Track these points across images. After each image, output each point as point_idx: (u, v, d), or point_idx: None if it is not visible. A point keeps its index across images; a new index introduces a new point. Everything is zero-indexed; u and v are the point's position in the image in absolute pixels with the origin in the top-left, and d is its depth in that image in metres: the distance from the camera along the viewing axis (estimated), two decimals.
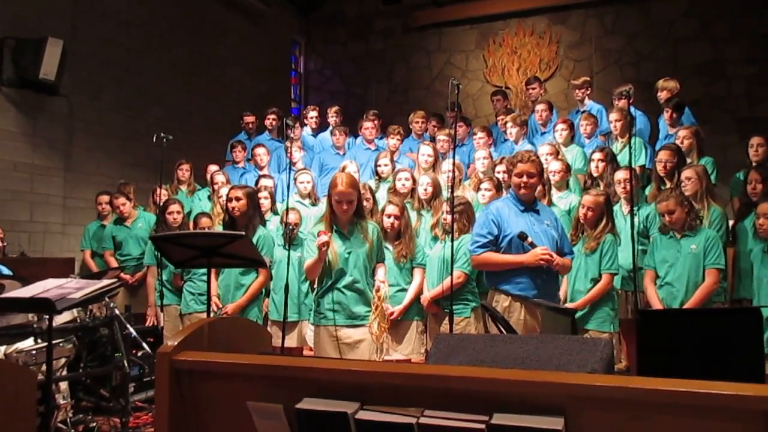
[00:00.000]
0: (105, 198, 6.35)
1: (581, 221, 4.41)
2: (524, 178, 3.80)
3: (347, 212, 3.72)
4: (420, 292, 4.64)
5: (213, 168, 6.90)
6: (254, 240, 4.30)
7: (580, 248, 4.41)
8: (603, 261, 4.25)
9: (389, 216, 4.60)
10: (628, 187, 4.58)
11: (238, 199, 4.37)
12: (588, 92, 7.01)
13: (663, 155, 5.03)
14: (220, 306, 4.34)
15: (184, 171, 6.91)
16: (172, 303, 5.36)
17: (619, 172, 4.84)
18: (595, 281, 4.26)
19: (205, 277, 5.07)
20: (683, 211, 4.18)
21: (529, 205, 3.85)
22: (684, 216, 4.19)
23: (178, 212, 5.59)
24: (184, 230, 5.36)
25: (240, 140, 7.51)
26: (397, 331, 4.61)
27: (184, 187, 6.90)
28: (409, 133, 7.30)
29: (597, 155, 5.30)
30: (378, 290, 3.79)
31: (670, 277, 4.22)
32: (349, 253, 3.74)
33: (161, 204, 5.78)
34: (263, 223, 4.72)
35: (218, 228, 5.45)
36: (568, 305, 4.22)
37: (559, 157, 5.50)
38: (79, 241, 6.71)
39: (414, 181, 5.46)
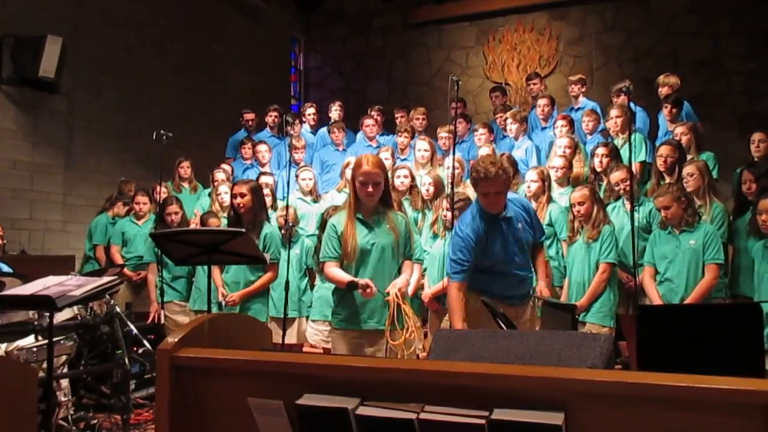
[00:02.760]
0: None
1: (576, 217, 4.45)
2: (491, 198, 3.46)
3: (373, 196, 3.27)
4: (418, 287, 4.64)
5: (224, 166, 6.89)
6: (261, 237, 4.24)
7: (580, 241, 4.44)
8: (601, 250, 4.28)
9: None
10: (627, 187, 4.58)
11: (242, 195, 4.28)
12: (583, 89, 7.01)
13: (664, 150, 5.03)
14: (226, 294, 4.25)
15: (185, 168, 6.89)
16: (173, 300, 5.37)
17: (617, 172, 4.83)
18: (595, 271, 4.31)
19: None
20: (680, 207, 4.18)
21: (498, 215, 3.53)
22: (681, 212, 4.19)
23: (176, 213, 5.53)
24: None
25: (249, 138, 7.47)
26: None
27: (186, 185, 6.89)
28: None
29: (601, 150, 5.31)
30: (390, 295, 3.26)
31: (669, 273, 4.24)
32: (372, 244, 3.30)
33: (160, 203, 5.77)
34: (268, 219, 4.59)
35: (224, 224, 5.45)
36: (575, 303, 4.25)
37: (562, 153, 5.50)
38: (81, 239, 6.71)
39: (412, 178, 5.46)
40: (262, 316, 4.26)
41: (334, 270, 3.33)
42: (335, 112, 7.76)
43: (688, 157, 5.14)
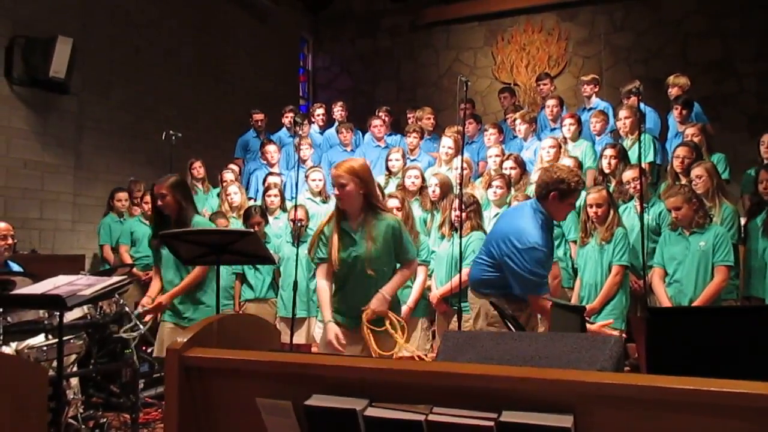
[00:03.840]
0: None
1: (593, 219, 4.41)
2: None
3: (340, 199, 3.22)
4: (423, 289, 4.64)
5: (232, 166, 6.89)
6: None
7: (593, 243, 4.42)
8: (614, 253, 4.26)
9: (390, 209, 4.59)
10: (638, 186, 4.56)
11: (163, 195, 3.89)
12: (596, 90, 6.98)
13: (681, 151, 5.01)
14: (152, 300, 3.94)
15: (198, 169, 6.88)
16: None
17: (628, 171, 4.82)
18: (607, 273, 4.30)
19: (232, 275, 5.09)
20: (690, 208, 4.16)
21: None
22: (691, 213, 4.16)
23: None
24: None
25: (270, 139, 7.43)
26: None
27: (199, 185, 6.89)
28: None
29: (609, 152, 5.29)
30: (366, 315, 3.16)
31: (678, 275, 4.21)
32: (354, 257, 3.20)
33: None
34: (197, 211, 4.16)
35: (234, 225, 5.45)
36: (587, 306, 4.24)
37: (569, 154, 5.48)
38: (90, 238, 6.74)
39: (423, 179, 5.45)
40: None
41: (319, 284, 3.30)
42: (338, 112, 7.77)
43: None
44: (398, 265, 3.34)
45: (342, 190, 3.20)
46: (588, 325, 3.30)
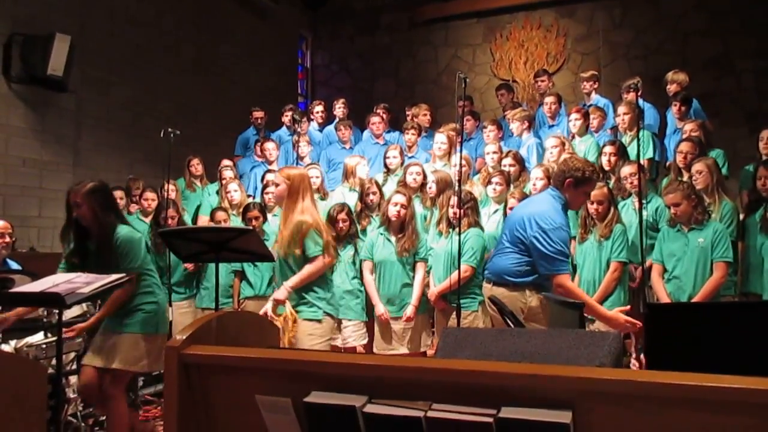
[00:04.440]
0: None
1: (593, 215, 4.42)
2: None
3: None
4: (424, 286, 4.65)
5: (226, 162, 6.89)
6: (115, 246, 3.40)
7: (592, 240, 4.42)
8: (612, 249, 4.27)
9: (396, 204, 4.59)
10: (636, 182, 4.56)
11: (78, 205, 3.47)
12: (595, 86, 6.98)
13: (684, 147, 5.01)
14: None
15: (196, 166, 6.88)
16: (177, 301, 5.36)
17: (627, 167, 4.82)
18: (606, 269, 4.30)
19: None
20: (689, 205, 4.16)
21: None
22: (690, 209, 4.17)
23: (173, 217, 5.40)
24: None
25: (267, 137, 7.42)
26: (401, 326, 4.62)
27: (198, 183, 6.88)
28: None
29: (608, 149, 5.28)
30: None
31: (677, 271, 4.22)
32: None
33: (155, 208, 5.71)
34: (122, 220, 3.63)
35: (234, 222, 5.44)
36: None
37: (575, 149, 5.48)
38: None
39: (425, 176, 5.46)
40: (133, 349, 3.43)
41: None
42: (339, 109, 7.77)
43: None
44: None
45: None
46: (605, 311, 3.41)
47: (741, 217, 4.71)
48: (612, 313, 3.37)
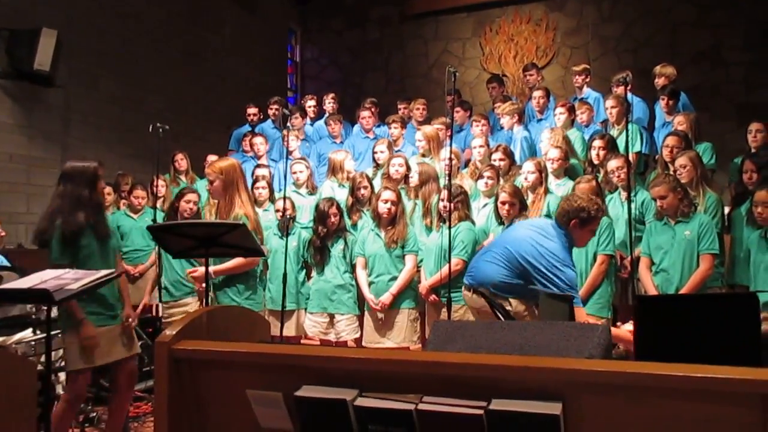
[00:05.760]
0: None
1: None
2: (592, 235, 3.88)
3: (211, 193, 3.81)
4: (411, 279, 4.66)
5: (212, 158, 6.85)
6: None
7: None
8: (599, 242, 4.28)
9: (386, 201, 4.62)
10: (623, 175, 4.57)
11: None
12: (587, 80, 7.00)
13: (670, 140, 5.04)
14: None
15: (180, 161, 6.88)
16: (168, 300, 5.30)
17: (613, 161, 4.83)
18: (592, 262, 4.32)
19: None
20: (675, 197, 4.19)
21: None
22: (676, 202, 4.19)
23: (195, 202, 5.07)
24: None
25: (253, 131, 7.38)
26: (388, 319, 4.63)
27: (183, 178, 6.86)
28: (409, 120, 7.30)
29: (598, 142, 5.30)
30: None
31: (665, 264, 4.24)
32: None
33: (179, 192, 5.50)
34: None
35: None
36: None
37: (558, 144, 5.49)
38: None
39: (408, 167, 5.48)
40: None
41: None
42: (329, 104, 7.75)
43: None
44: None
45: (210, 185, 3.71)
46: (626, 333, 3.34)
47: (726, 209, 4.75)
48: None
